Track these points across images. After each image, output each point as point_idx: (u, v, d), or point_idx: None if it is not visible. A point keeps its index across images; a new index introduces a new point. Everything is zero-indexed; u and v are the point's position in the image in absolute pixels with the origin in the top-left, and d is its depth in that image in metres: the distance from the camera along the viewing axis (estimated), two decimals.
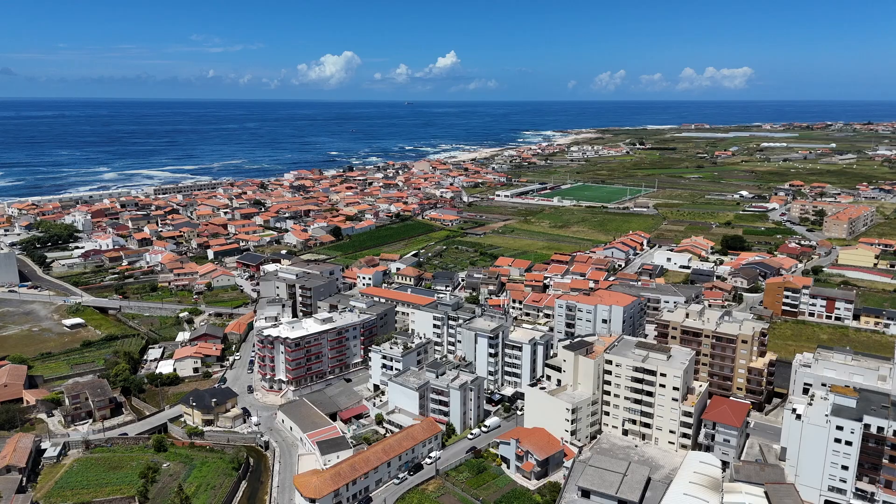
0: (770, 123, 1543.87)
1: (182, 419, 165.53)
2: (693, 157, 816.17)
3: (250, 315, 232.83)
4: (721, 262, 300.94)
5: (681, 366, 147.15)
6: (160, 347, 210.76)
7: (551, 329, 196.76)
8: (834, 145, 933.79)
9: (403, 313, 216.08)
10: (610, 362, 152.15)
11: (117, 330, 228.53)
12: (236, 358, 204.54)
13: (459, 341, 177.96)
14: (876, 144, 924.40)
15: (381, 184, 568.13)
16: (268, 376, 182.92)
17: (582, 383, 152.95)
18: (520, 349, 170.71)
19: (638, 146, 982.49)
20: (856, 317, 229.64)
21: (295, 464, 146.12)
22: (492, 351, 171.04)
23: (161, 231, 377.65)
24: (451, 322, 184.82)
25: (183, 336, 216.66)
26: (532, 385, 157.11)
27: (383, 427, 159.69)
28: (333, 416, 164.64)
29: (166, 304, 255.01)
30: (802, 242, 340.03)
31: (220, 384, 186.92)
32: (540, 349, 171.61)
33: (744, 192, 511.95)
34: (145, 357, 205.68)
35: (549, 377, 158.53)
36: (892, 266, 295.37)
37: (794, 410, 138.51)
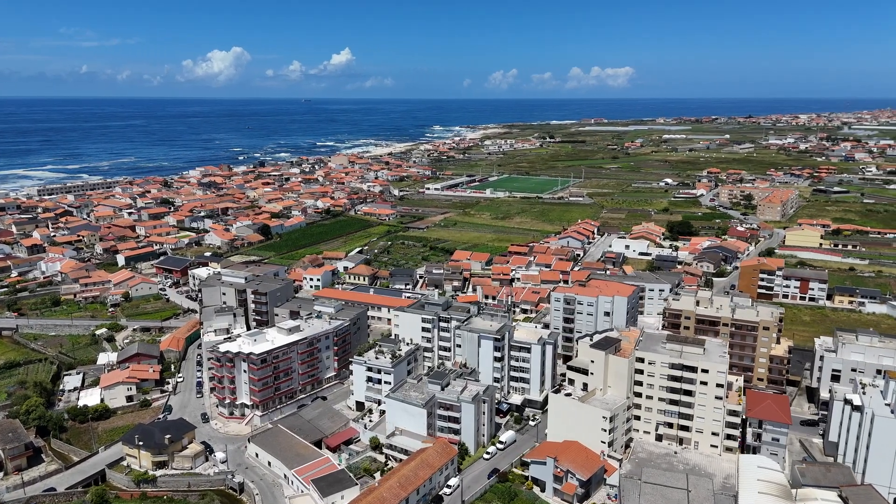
0: (663, 118, 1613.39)
1: (125, 463, 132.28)
2: (605, 149, 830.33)
3: (188, 327, 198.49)
4: (677, 248, 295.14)
5: (721, 360, 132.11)
6: (79, 373, 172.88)
7: (546, 325, 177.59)
8: (728, 136, 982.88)
9: (376, 317, 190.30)
10: (642, 360, 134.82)
11: (17, 355, 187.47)
12: (179, 380, 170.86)
13: (459, 346, 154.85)
14: (766, 135, 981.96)
15: (300, 179, 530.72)
16: (227, 400, 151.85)
17: (613, 386, 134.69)
18: (528, 350, 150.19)
19: (549, 139, 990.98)
20: (828, 297, 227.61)
21: None
22: (497, 354, 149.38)
23: (55, 236, 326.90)
24: (441, 324, 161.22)
25: (107, 358, 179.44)
26: (555, 391, 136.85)
27: (382, 453, 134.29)
28: (318, 444, 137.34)
29: (77, 321, 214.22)
30: (745, 226, 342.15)
31: (164, 414, 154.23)
32: (549, 349, 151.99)
33: (668, 180, 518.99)
34: (61, 386, 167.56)
35: (571, 381, 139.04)
36: (835, 245, 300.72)
37: (847, 401, 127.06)
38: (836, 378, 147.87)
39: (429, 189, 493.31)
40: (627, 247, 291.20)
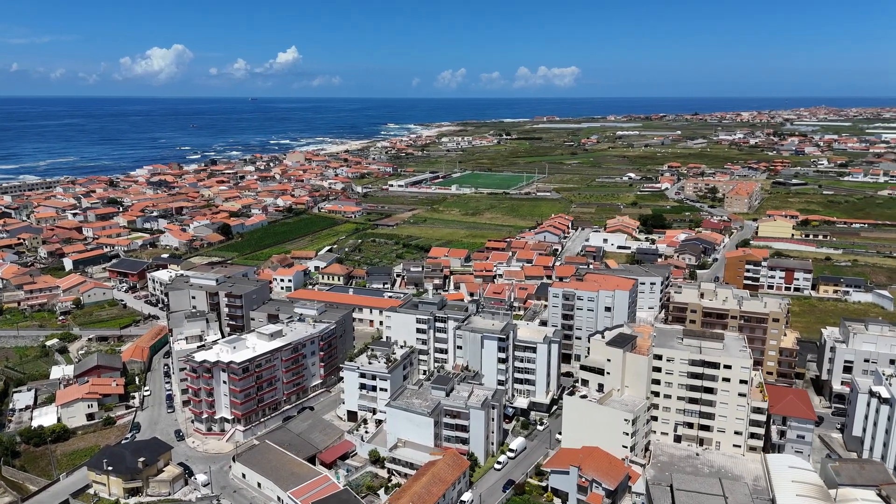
0: (613, 115, 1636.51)
1: (92, 491, 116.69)
2: (562, 146, 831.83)
3: (152, 335, 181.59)
4: (654, 241, 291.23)
5: (743, 354, 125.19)
6: (30, 389, 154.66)
7: (544, 323, 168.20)
8: (680, 132, 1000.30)
9: (357, 319, 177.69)
10: (660, 357, 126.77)
11: None
12: (146, 394, 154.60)
13: (459, 347, 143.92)
14: (716, 131, 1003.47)
15: (256, 177, 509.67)
16: (204, 415, 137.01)
17: (630, 386, 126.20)
18: (534, 350, 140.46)
19: (505, 136, 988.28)
20: (812, 286, 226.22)
21: None
22: (502, 356, 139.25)
23: None
24: (438, 324, 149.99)
25: (61, 371, 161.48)
26: (570, 393, 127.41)
27: (384, 468, 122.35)
28: (311, 460, 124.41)
29: (23, 331, 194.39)
30: (716, 218, 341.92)
31: (132, 433, 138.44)
32: (555, 348, 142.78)
33: (631, 175, 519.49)
34: (10, 405, 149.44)
35: (584, 382, 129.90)
36: (806, 236, 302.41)
37: (873, 393, 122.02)
38: (847, 370, 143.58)
39: (392, 186, 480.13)
40: (605, 240, 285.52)
